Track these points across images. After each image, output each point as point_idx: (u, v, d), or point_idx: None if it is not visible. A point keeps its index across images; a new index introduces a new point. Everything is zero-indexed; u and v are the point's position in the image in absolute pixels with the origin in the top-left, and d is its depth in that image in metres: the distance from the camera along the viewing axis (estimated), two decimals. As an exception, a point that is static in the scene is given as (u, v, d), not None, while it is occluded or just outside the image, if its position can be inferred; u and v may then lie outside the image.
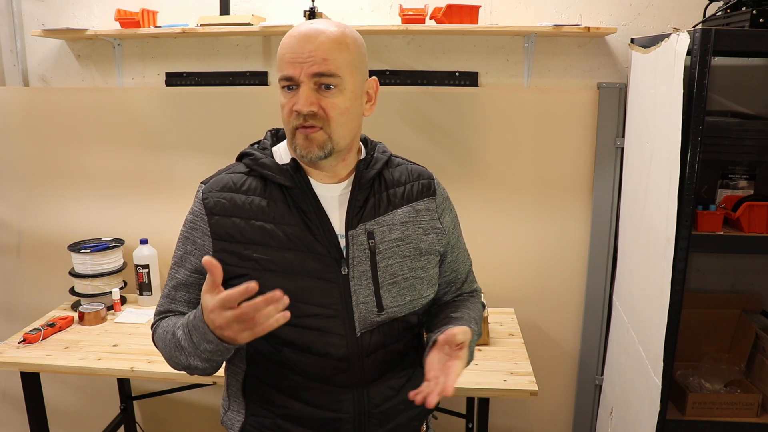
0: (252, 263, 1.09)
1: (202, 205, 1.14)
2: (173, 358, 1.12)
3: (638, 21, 2.22)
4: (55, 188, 2.50)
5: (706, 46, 1.54)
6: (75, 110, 2.42)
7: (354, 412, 1.14)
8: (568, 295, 2.41)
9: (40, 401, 2.06)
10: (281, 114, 1.11)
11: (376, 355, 1.14)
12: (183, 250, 1.17)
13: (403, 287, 1.15)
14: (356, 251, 1.12)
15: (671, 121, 1.63)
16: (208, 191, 1.15)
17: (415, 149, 2.33)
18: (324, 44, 1.05)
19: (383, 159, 1.20)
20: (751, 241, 1.76)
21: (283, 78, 1.07)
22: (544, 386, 2.11)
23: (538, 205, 2.35)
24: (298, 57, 1.05)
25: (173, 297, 1.18)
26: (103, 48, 2.42)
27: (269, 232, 1.10)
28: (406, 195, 1.20)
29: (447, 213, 1.26)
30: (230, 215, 1.12)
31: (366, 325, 1.13)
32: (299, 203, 1.12)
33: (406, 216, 1.18)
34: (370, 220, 1.15)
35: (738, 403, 1.89)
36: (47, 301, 2.39)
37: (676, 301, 1.66)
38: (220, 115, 2.36)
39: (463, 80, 2.32)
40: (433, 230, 1.21)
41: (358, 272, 1.12)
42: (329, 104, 1.07)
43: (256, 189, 1.13)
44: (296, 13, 2.18)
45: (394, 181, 1.20)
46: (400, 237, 1.16)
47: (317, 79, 1.06)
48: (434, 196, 1.24)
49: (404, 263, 1.16)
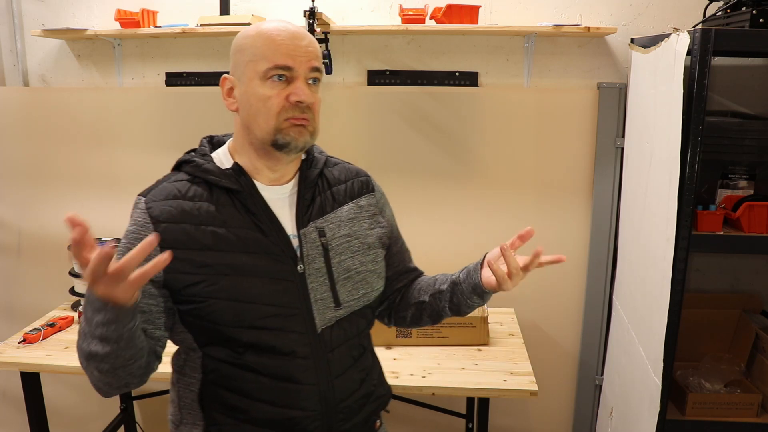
0: (207, 269, 1.08)
1: (146, 214, 1.11)
2: (80, 353, 1.03)
3: (638, 21, 2.22)
4: (55, 188, 2.50)
5: (706, 46, 1.54)
6: (75, 110, 2.42)
7: (321, 409, 1.14)
8: (568, 295, 2.41)
9: (40, 401, 2.06)
10: (260, 106, 1.09)
11: (339, 349, 1.16)
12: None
13: (356, 281, 1.18)
14: (310, 249, 1.14)
15: (671, 121, 1.63)
16: (152, 200, 1.12)
17: (415, 149, 2.33)
18: (314, 42, 1.12)
19: (322, 159, 1.24)
20: (751, 241, 1.76)
21: (279, 67, 1.07)
22: (544, 386, 2.11)
23: (538, 205, 2.35)
24: (296, 50, 1.08)
25: None
26: (103, 48, 2.42)
27: (221, 236, 1.09)
28: (348, 192, 1.23)
29: (386, 207, 1.32)
30: (179, 222, 1.10)
31: (325, 320, 1.14)
32: (248, 206, 1.12)
33: (352, 212, 1.22)
34: (319, 218, 1.17)
35: (738, 403, 1.89)
36: (47, 301, 2.39)
37: (676, 301, 1.66)
38: (220, 115, 2.35)
39: (463, 80, 2.32)
40: (377, 225, 1.25)
41: (313, 269, 1.14)
42: (316, 98, 1.12)
43: (203, 195, 1.12)
44: (296, 13, 2.17)
45: (335, 180, 1.23)
46: (348, 233, 1.19)
47: (311, 74, 1.10)
48: (373, 192, 1.28)
49: (355, 258, 1.19)
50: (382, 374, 1.32)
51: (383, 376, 1.32)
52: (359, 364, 1.21)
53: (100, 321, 0.95)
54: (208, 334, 1.11)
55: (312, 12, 1.90)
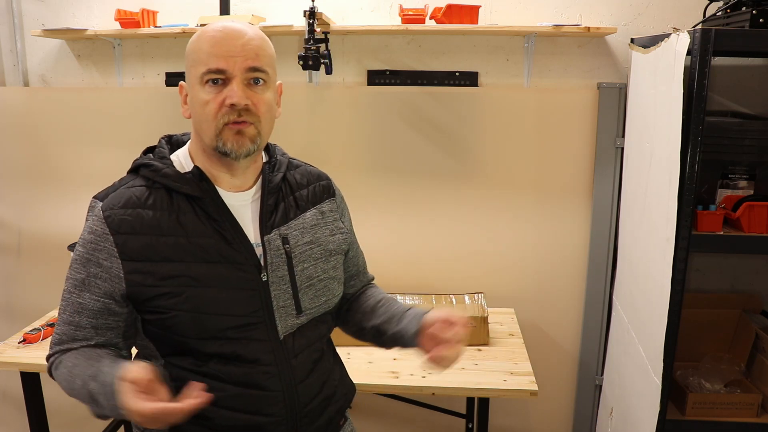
0: (170, 281, 1.06)
1: (104, 223, 1.06)
2: (82, 401, 1.06)
3: (638, 21, 2.22)
4: (55, 188, 2.50)
5: (706, 46, 1.54)
6: (75, 110, 2.42)
7: (285, 414, 1.13)
8: (568, 295, 2.41)
9: (40, 401, 2.06)
10: (200, 111, 1.06)
11: (301, 355, 1.15)
12: (84, 273, 1.08)
13: (318, 289, 1.17)
14: (273, 257, 1.12)
15: (671, 121, 1.63)
16: (109, 208, 1.07)
17: (415, 149, 2.33)
18: (254, 40, 1.06)
19: (285, 161, 1.21)
20: (751, 241, 1.76)
21: (211, 71, 1.04)
22: (544, 386, 2.11)
23: (538, 205, 2.35)
24: (230, 51, 1.03)
25: (77, 323, 1.09)
26: (103, 48, 2.42)
27: (183, 246, 1.06)
28: (310, 198, 1.21)
29: (346, 212, 1.31)
30: (139, 233, 1.06)
31: (287, 328, 1.13)
32: (210, 213, 1.09)
33: (314, 219, 1.20)
34: (283, 225, 1.15)
35: (738, 403, 1.89)
36: (47, 301, 2.39)
37: (676, 301, 1.66)
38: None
39: (463, 80, 2.31)
40: (338, 231, 1.23)
41: (276, 277, 1.12)
42: (259, 99, 1.06)
43: (162, 202, 1.08)
44: (296, 13, 2.17)
45: (297, 184, 1.21)
46: (311, 240, 1.17)
47: (249, 74, 1.05)
48: (334, 197, 1.26)
49: (318, 265, 1.17)
50: (345, 372, 1.31)
51: (345, 373, 1.31)
52: (320, 368, 1.20)
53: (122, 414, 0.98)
54: (171, 344, 1.10)
55: (312, 12, 1.89)
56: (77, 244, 1.11)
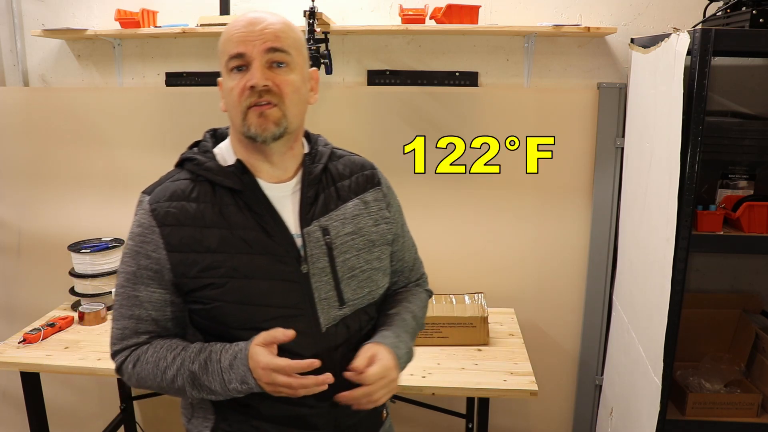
0: (213, 272, 1.08)
1: (151, 216, 1.10)
2: (172, 391, 1.13)
3: (638, 21, 2.22)
4: (55, 188, 2.50)
5: (706, 46, 1.54)
6: (75, 110, 2.42)
7: (328, 405, 1.14)
8: (568, 295, 2.41)
9: (40, 401, 2.06)
10: (228, 99, 1.09)
11: (344, 347, 1.15)
12: (135, 266, 1.11)
13: (361, 280, 1.17)
14: (313, 248, 1.13)
15: (671, 121, 1.63)
16: (155, 201, 1.11)
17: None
18: (274, 24, 1.08)
19: (327, 152, 1.21)
20: (751, 241, 1.76)
21: (233, 57, 1.06)
22: (544, 386, 2.11)
23: (538, 205, 2.35)
24: (249, 35, 1.05)
25: (138, 317, 1.13)
26: (103, 48, 2.42)
27: (226, 238, 1.09)
28: (352, 187, 1.21)
29: (393, 202, 1.28)
30: (183, 225, 1.09)
31: (330, 320, 1.14)
32: (251, 206, 1.11)
33: (357, 209, 1.19)
34: (323, 216, 1.15)
35: (738, 403, 1.89)
36: (47, 301, 2.39)
37: (676, 301, 1.66)
38: (220, 115, 2.36)
39: (463, 80, 2.31)
40: (382, 220, 1.22)
41: (317, 269, 1.13)
42: (282, 80, 1.07)
43: (206, 195, 1.11)
44: (296, 13, 2.17)
45: (339, 174, 1.21)
46: (353, 230, 1.17)
47: (270, 56, 1.06)
48: (379, 186, 1.25)
49: (360, 256, 1.17)
50: None
51: None
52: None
53: (239, 389, 1.07)
54: (216, 335, 1.12)
55: (312, 12, 1.89)
56: (127, 239, 1.14)
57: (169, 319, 1.14)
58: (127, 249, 1.13)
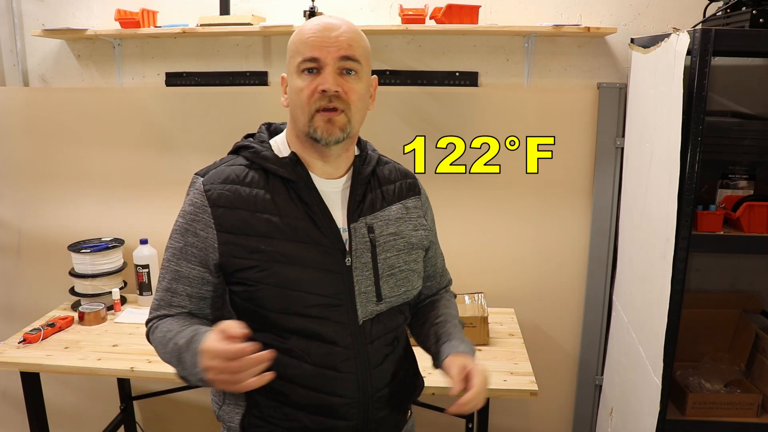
0: (260, 255, 1.12)
1: (204, 196, 1.14)
2: (171, 365, 1.14)
3: (638, 21, 2.22)
4: (55, 188, 2.50)
5: (706, 46, 1.54)
6: (75, 110, 2.42)
7: (358, 397, 1.17)
8: (568, 295, 2.41)
9: (40, 401, 2.06)
10: (296, 99, 1.13)
11: (377, 341, 1.19)
12: (183, 242, 1.16)
13: (399, 279, 1.21)
14: (358, 243, 1.17)
15: (671, 121, 1.63)
16: (210, 182, 1.15)
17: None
18: (348, 32, 1.14)
19: (375, 157, 1.28)
20: (751, 241, 1.76)
21: (307, 60, 1.10)
22: (544, 386, 2.10)
23: (538, 205, 2.35)
24: (324, 41, 1.11)
25: (174, 290, 1.18)
26: (103, 48, 2.42)
27: (275, 224, 1.12)
28: (397, 192, 1.27)
29: (429, 211, 1.35)
30: (235, 207, 1.13)
31: (367, 313, 1.17)
32: (302, 196, 1.15)
33: (399, 212, 1.25)
34: (369, 214, 1.20)
35: (738, 403, 1.89)
36: (47, 301, 2.39)
37: (676, 301, 1.66)
38: (220, 115, 2.36)
39: (463, 80, 2.32)
40: (421, 227, 1.28)
41: (360, 263, 1.17)
42: (350, 88, 1.12)
43: (259, 182, 1.15)
44: (296, 13, 2.18)
45: (385, 179, 1.27)
46: (395, 232, 1.22)
47: (342, 63, 1.11)
48: (419, 195, 1.32)
49: (400, 256, 1.22)
50: (417, 367, 1.35)
51: (417, 368, 1.35)
52: (394, 356, 1.24)
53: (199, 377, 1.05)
54: (254, 318, 1.14)
55: (312, 12, 1.90)
56: (177, 216, 1.18)
57: (204, 299, 1.18)
58: (176, 226, 1.18)
